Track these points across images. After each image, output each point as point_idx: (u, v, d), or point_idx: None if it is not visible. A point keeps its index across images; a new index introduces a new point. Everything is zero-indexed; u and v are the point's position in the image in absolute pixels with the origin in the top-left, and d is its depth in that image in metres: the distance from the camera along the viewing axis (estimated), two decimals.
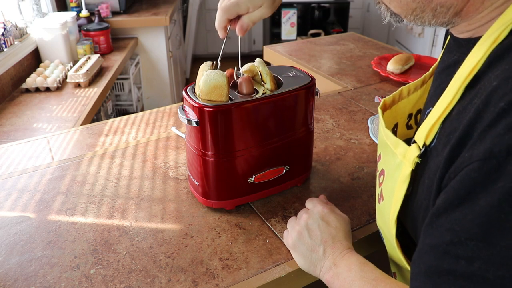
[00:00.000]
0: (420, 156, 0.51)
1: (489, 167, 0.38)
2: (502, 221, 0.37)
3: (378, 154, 0.65)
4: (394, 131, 0.70)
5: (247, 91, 0.77)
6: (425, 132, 0.51)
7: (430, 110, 0.51)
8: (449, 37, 0.60)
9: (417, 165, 0.52)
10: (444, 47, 0.63)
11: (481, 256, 0.38)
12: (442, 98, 0.49)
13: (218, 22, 0.74)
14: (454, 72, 0.49)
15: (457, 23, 0.51)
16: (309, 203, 0.76)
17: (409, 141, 0.56)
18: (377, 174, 0.65)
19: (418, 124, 0.70)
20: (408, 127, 0.72)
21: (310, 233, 0.69)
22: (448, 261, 0.41)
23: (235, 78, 0.82)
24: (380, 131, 0.63)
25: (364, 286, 0.58)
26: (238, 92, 0.79)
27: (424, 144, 0.51)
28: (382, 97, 1.17)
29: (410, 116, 0.71)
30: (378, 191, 0.65)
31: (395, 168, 0.56)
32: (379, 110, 0.65)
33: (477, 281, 0.38)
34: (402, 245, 0.60)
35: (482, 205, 0.38)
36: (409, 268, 0.59)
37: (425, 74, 0.68)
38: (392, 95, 0.68)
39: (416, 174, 0.53)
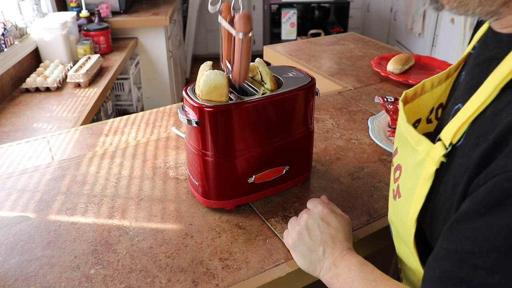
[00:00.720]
0: (445, 156, 0.49)
1: None
2: None
3: (394, 149, 0.64)
4: (415, 126, 0.66)
5: (245, 29, 0.69)
6: (453, 131, 0.48)
7: (459, 107, 0.49)
8: (484, 30, 0.57)
9: (441, 164, 0.50)
10: (478, 40, 0.59)
11: (502, 269, 0.37)
12: (476, 96, 0.47)
13: None
14: (490, 69, 0.46)
15: (504, 14, 0.47)
16: (310, 204, 0.76)
17: (428, 136, 0.53)
18: (392, 168, 0.63)
19: (439, 119, 0.67)
20: (428, 121, 0.68)
21: (310, 233, 0.68)
22: (465, 269, 0.39)
23: (232, 14, 0.73)
24: (399, 125, 0.61)
25: (363, 287, 0.57)
26: (234, 28, 0.70)
27: (451, 143, 0.49)
28: (382, 97, 1.17)
29: (431, 110, 0.68)
30: (393, 186, 0.63)
31: (416, 166, 0.54)
32: (400, 103, 0.62)
33: None
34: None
35: (509, 214, 0.37)
36: (418, 267, 0.58)
37: (450, 67, 0.65)
38: (414, 88, 0.65)
39: (439, 173, 0.51)
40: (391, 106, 1.14)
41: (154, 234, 0.78)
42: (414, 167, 0.54)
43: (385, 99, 1.17)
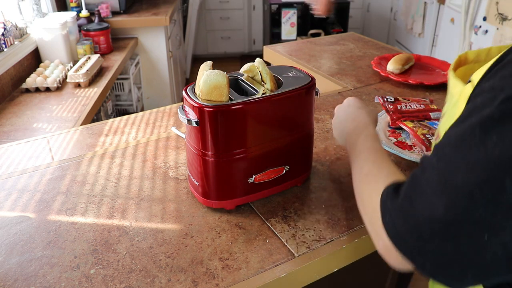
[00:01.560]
0: None
1: (490, 96, 0.47)
2: (470, 139, 0.47)
3: (442, 114, 0.68)
4: None
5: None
6: (483, 72, 0.52)
7: None
8: None
9: None
10: None
11: (447, 159, 0.48)
12: None
13: None
14: None
15: None
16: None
17: None
18: (434, 138, 0.69)
19: None
20: None
21: (339, 115, 0.84)
22: (433, 157, 0.51)
23: None
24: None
25: (363, 162, 0.67)
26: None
27: None
28: (382, 97, 1.17)
29: None
30: (434, 143, 0.68)
31: (452, 108, 0.58)
32: (455, 61, 0.67)
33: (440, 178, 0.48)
34: None
35: (467, 123, 0.47)
36: None
37: None
38: (477, 51, 0.68)
39: None
40: (391, 106, 1.14)
41: (154, 234, 0.78)
42: (451, 109, 0.59)
43: (385, 99, 1.17)
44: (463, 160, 0.46)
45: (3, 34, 1.85)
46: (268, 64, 0.99)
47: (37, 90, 1.90)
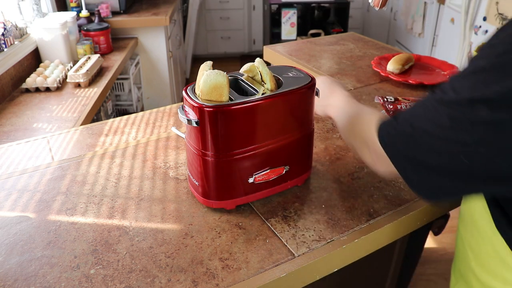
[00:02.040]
0: None
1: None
2: (471, 73, 0.54)
3: None
4: None
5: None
6: None
7: None
8: None
9: None
10: None
11: (448, 86, 0.56)
12: None
13: None
14: None
15: None
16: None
17: None
18: None
19: None
20: None
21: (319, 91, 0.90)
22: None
23: None
24: None
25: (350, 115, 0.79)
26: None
27: None
28: (382, 97, 1.17)
29: None
30: None
31: None
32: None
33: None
34: None
35: (475, 61, 0.54)
36: None
37: None
38: None
39: None
40: (391, 106, 1.14)
41: (154, 234, 0.78)
42: None
43: (385, 99, 1.17)
44: (457, 84, 0.54)
45: (3, 34, 1.85)
46: (268, 64, 0.99)
47: (37, 90, 1.90)
